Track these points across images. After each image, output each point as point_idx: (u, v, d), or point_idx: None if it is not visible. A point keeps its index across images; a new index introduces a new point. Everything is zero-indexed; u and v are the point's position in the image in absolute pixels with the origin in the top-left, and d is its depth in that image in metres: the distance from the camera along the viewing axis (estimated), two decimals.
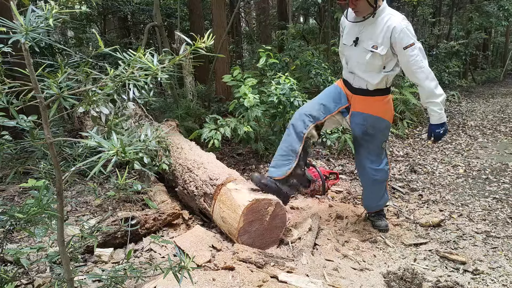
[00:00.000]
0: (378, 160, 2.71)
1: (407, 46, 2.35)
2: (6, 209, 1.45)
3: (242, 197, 2.54)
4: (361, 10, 2.42)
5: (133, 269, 1.48)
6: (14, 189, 3.59)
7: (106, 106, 1.32)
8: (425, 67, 2.39)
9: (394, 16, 2.41)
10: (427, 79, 2.39)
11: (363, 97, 2.61)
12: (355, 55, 2.57)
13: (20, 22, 0.98)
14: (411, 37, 2.35)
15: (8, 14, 3.68)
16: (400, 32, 2.33)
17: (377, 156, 2.71)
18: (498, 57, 17.74)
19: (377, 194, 2.85)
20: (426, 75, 2.39)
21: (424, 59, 2.40)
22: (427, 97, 2.45)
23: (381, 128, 2.64)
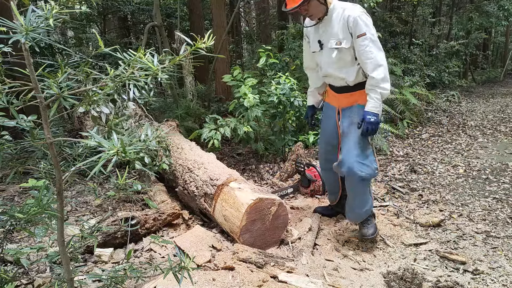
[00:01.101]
0: (363, 154, 2.52)
1: (359, 35, 2.35)
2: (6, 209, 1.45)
3: (245, 196, 2.54)
4: (314, 13, 2.45)
5: (133, 269, 1.48)
6: (14, 189, 3.59)
7: (106, 106, 1.32)
8: (374, 58, 2.35)
9: (348, 7, 2.42)
10: (374, 70, 2.35)
11: (348, 93, 2.61)
12: (324, 57, 2.60)
13: (20, 22, 0.98)
14: (363, 26, 2.34)
15: (8, 14, 3.68)
16: (353, 21, 2.35)
17: (362, 149, 2.51)
18: (498, 57, 17.75)
19: (363, 198, 2.60)
20: (374, 66, 2.35)
21: (376, 50, 2.36)
22: (370, 84, 2.40)
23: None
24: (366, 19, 2.38)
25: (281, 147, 4.67)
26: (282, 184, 3.90)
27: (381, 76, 2.35)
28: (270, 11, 10.80)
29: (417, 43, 9.34)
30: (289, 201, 3.54)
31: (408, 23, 9.56)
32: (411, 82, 6.97)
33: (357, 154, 2.49)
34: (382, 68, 2.36)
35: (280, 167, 4.46)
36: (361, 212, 2.63)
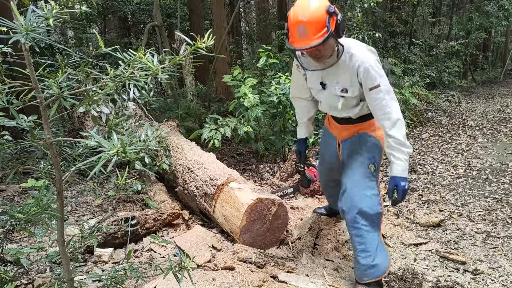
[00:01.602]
0: (365, 186, 2.14)
1: (372, 87, 1.99)
2: (6, 209, 1.45)
3: (245, 196, 2.54)
4: (327, 54, 2.02)
5: (133, 269, 1.48)
6: (14, 189, 3.59)
7: (106, 106, 1.32)
8: (392, 112, 1.99)
9: (357, 52, 2.02)
10: (393, 127, 1.99)
11: (351, 125, 2.31)
12: (326, 98, 2.26)
13: (21, 22, 0.98)
14: (376, 77, 1.97)
15: (8, 14, 3.68)
16: (364, 71, 1.97)
17: (363, 178, 2.16)
18: (498, 57, 17.76)
19: (369, 243, 2.10)
20: (393, 123, 1.99)
21: (391, 102, 2.00)
22: (393, 144, 2.01)
23: (366, 143, 2.23)
24: (378, 67, 2.01)
25: (281, 147, 4.67)
26: (282, 184, 3.90)
27: (403, 134, 2.00)
28: (270, 11, 10.80)
29: (417, 43, 9.35)
30: (289, 201, 3.54)
31: (408, 23, 9.57)
32: (411, 82, 6.97)
33: (358, 182, 2.16)
34: (401, 123, 2.01)
35: (280, 167, 4.46)
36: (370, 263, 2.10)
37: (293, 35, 1.91)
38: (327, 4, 1.88)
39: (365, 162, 2.19)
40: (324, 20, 1.85)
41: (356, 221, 2.11)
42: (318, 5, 1.86)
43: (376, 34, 6.22)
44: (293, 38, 1.92)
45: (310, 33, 1.85)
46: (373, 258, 2.08)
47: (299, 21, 1.86)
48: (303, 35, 1.86)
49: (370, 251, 2.09)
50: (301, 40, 1.88)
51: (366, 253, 2.10)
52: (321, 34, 1.84)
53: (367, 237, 2.10)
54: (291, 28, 1.91)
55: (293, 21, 1.90)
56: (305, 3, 1.88)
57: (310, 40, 1.85)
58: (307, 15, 1.84)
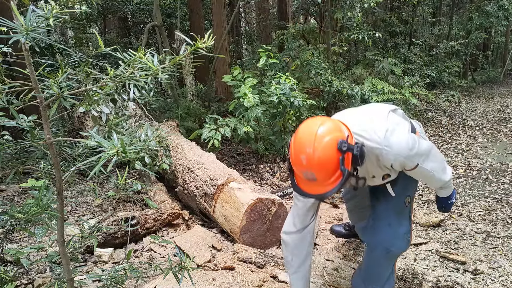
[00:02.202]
0: (398, 222, 1.88)
1: (410, 169, 1.69)
2: (6, 209, 1.45)
3: (245, 196, 2.54)
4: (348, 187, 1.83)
5: (133, 269, 1.48)
6: (14, 189, 3.59)
7: (106, 106, 1.32)
8: (436, 172, 1.75)
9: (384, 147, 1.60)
10: (440, 181, 1.83)
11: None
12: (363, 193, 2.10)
13: (21, 22, 0.98)
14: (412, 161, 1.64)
15: (8, 14, 3.68)
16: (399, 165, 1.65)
17: (397, 215, 1.89)
18: (498, 57, 17.76)
19: (383, 274, 1.94)
20: (438, 180, 1.80)
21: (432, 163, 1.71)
22: (440, 186, 1.92)
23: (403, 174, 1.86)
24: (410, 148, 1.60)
25: (281, 147, 4.67)
26: (282, 184, 3.90)
27: (448, 178, 1.85)
28: (270, 11, 10.79)
29: (417, 43, 9.35)
30: (289, 201, 3.53)
31: (408, 23, 9.57)
32: (411, 82, 6.97)
33: (390, 223, 1.88)
34: (443, 170, 1.81)
35: (280, 167, 4.46)
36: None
37: (298, 176, 1.53)
38: (337, 139, 1.44)
39: (401, 196, 1.88)
40: (336, 163, 1.43)
41: (380, 259, 1.90)
42: (326, 146, 1.42)
43: (376, 34, 6.22)
44: (299, 179, 1.54)
45: (320, 179, 1.46)
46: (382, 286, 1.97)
47: (304, 167, 1.45)
48: (313, 180, 1.47)
49: (382, 281, 1.95)
50: (311, 184, 1.50)
51: (377, 283, 1.96)
52: (335, 179, 1.45)
53: (384, 271, 1.94)
54: (294, 167, 1.51)
55: (296, 162, 1.49)
56: (308, 144, 1.43)
57: (322, 187, 1.47)
58: (314, 163, 1.43)
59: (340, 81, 5.48)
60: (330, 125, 1.48)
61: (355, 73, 7.03)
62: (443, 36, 11.30)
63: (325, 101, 5.63)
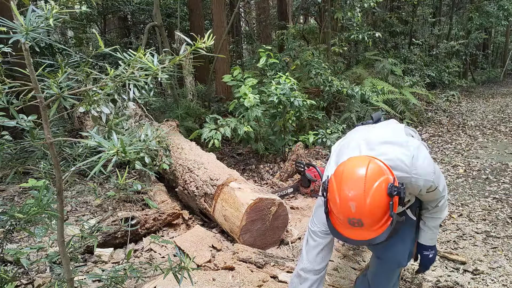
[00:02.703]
0: (409, 238, 1.86)
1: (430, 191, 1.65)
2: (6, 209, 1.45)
3: (245, 196, 2.54)
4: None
5: (133, 269, 1.48)
6: (14, 189, 3.59)
7: (106, 106, 1.32)
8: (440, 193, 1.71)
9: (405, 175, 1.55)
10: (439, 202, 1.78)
11: None
12: None
13: (21, 22, 0.98)
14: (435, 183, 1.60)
15: (8, 14, 3.68)
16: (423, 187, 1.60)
17: (409, 231, 1.86)
18: (498, 57, 17.76)
19: (390, 285, 1.95)
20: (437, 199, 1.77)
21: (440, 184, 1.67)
22: (430, 212, 1.83)
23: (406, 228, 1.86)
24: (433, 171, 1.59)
25: (281, 147, 4.67)
26: (282, 184, 3.90)
27: (445, 204, 1.81)
28: (270, 11, 10.79)
29: (417, 43, 9.35)
30: (289, 201, 3.53)
31: (408, 23, 9.57)
32: (411, 82, 6.97)
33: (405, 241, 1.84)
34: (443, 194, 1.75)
35: (280, 167, 4.46)
36: None
37: (339, 219, 1.41)
38: (387, 183, 1.35)
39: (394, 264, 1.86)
40: (386, 209, 1.35)
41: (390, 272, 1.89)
42: (377, 191, 1.33)
43: (376, 34, 6.22)
44: (339, 222, 1.42)
45: (367, 225, 1.35)
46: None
47: (353, 214, 1.33)
48: (358, 226, 1.36)
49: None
50: (355, 229, 1.38)
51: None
52: (383, 223, 1.36)
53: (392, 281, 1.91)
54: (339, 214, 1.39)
55: (342, 209, 1.36)
56: (358, 190, 1.33)
57: (368, 232, 1.37)
58: (365, 211, 1.32)
59: (340, 81, 5.48)
60: (376, 168, 1.39)
61: (355, 73, 7.03)
62: (443, 36, 11.30)
63: (325, 101, 5.63)
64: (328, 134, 4.52)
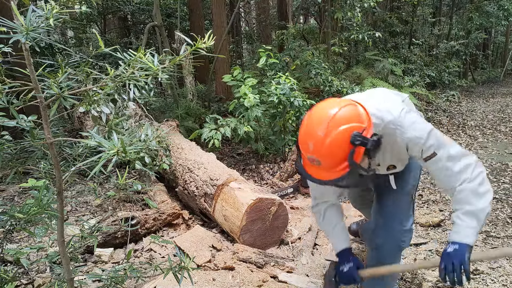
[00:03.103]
0: (407, 219, 1.84)
1: (427, 158, 1.51)
2: (6, 209, 1.45)
3: (245, 196, 2.55)
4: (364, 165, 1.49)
5: (133, 269, 1.48)
6: (14, 189, 3.59)
7: (106, 106, 1.32)
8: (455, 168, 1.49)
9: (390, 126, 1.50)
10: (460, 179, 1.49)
11: None
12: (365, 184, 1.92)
13: (21, 22, 0.98)
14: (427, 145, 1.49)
15: (8, 14, 3.68)
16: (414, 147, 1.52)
17: (406, 211, 1.84)
18: (498, 57, 17.77)
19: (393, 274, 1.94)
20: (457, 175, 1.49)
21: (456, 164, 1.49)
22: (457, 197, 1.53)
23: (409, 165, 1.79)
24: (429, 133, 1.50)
25: (281, 147, 4.67)
26: (282, 184, 3.90)
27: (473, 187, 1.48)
28: (270, 11, 10.79)
29: (417, 43, 9.35)
30: (289, 201, 3.54)
31: (408, 23, 9.57)
32: (411, 82, 6.97)
33: (401, 220, 1.82)
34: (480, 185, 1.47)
35: (280, 167, 4.46)
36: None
37: (304, 157, 1.45)
38: (352, 131, 1.33)
39: (408, 192, 1.82)
40: (345, 155, 1.34)
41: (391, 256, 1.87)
42: (339, 136, 1.33)
43: (376, 34, 6.22)
44: (305, 160, 1.46)
45: (325, 166, 1.38)
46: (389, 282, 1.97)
47: (310, 153, 1.37)
48: (317, 164, 1.39)
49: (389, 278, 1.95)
50: (314, 168, 1.42)
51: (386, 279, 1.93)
52: (341, 169, 1.37)
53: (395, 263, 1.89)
54: (301, 149, 1.44)
55: (302, 146, 1.41)
56: (320, 128, 1.33)
57: (326, 173, 1.40)
58: (322, 152, 1.34)
59: (340, 81, 5.48)
60: (348, 112, 1.36)
61: (355, 73, 7.04)
62: (443, 36, 11.30)
63: None
64: None
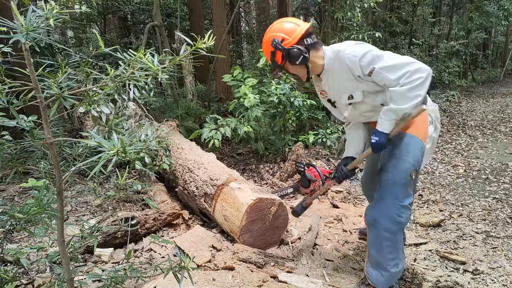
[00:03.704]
0: (404, 195, 1.95)
1: (369, 73, 1.88)
2: (6, 209, 1.45)
3: (245, 196, 2.54)
4: (299, 74, 2.09)
5: (133, 269, 1.48)
6: (14, 189, 3.59)
7: (106, 106, 1.32)
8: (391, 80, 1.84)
9: (341, 50, 1.93)
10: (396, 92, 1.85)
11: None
12: (345, 113, 2.18)
13: (21, 22, 0.98)
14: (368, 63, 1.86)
15: (8, 14, 3.68)
16: (353, 64, 1.88)
17: (403, 187, 1.94)
18: (498, 56, 17.77)
19: (393, 250, 1.99)
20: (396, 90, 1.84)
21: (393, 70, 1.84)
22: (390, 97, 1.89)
23: (409, 145, 1.97)
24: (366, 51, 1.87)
25: (281, 147, 4.67)
26: (282, 184, 3.90)
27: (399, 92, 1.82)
28: (270, 11, 10.79)
29: (417, 43, 9.35)
30: (289, 201, 3.54)
31: (408, 23, 9.57)
32: None
33: (397, 196, 1.94)
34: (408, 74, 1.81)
35: (280, 167, 4.46)
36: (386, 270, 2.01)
37: None
38: (273, 38, 1.97)
39: (406, 170, 1.94)
40: (269, 52, 2.02)
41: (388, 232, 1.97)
42: (267, 39, 2.02)
43: (376, 34, 6.22)
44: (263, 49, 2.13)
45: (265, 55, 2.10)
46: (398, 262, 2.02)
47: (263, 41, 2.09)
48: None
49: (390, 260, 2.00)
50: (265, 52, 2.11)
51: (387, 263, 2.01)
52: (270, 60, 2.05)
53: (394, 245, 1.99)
54: None
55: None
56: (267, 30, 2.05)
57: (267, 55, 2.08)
58: (263, 44, 2.08)
59: None
60: (281, 26, 2.00)
61: None
62: (443, 36, 11.30)
63: None
64: (328, 134, 4.52)
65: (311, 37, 2.00)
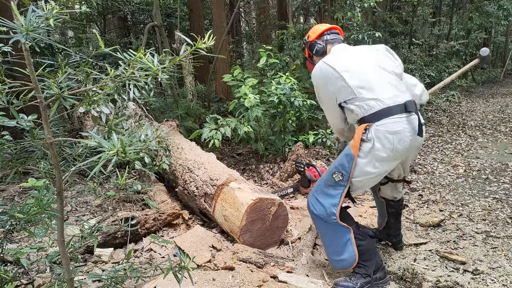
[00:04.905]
0: (322, 191, 2.15)
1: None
2: (6, 209, 1.45)
3: (245, 196, 2.54)
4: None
5: (133, 269, 1.48)
6: (14, 189, 3.59)
7: (106, 106, 1.32)
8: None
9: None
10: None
11: None
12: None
13: (21, 22, 0.98)
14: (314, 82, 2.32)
15: (8, 14, 3.68)
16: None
17: (324, 184, 2.16)
18: (498, 57, 17.77)
19: (337, 243, 2.16)
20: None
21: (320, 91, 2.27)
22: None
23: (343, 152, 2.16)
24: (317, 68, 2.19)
25: (281, 147, 4.67)
26: (282, 184, 3.90)
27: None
28: (270, 11, 10.79)
29: (417, 43, 9.35)
30: (289, 201, 3.54)
31: (408, 23, 9.57)
32: None
33: (316, 189, 2.19)
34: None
35: (280, 167, 4.46)
36: (333, 257, 2.20)
37: None
38: (306, 35, 2.44)
39: (332, 170, 2.14)
40: (304, 49, 2.49)
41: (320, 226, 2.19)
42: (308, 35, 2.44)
43: (376, 34, 6.22)
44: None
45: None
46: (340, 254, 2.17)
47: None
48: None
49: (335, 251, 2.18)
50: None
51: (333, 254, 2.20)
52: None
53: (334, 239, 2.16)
54: None
55: None
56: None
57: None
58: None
59: None
60: (313, 29, 2.42)
61: None
62: (443, 36, 11.30)
63: None
64: (328, 134, 4.52)
65: (331, 34, 2.33)
